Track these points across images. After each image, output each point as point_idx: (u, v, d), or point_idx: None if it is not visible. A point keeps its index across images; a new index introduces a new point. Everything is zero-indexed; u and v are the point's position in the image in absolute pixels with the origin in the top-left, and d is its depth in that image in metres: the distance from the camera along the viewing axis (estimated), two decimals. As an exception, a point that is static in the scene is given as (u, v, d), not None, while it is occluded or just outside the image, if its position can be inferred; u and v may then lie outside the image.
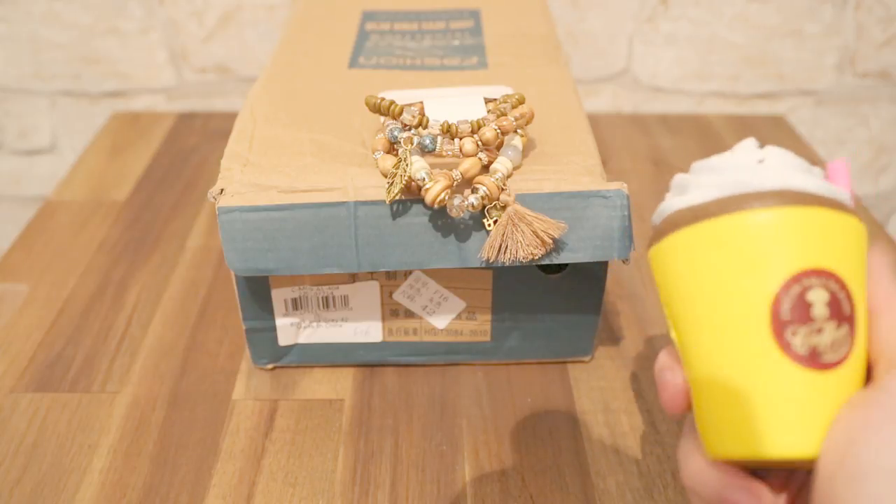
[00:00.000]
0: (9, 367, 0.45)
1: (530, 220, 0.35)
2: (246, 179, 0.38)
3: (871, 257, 0.26)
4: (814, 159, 0.68)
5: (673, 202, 0.27)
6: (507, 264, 0.36)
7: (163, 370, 0.45)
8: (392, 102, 0.37)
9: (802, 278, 0.24)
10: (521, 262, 0.36)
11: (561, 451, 0.40)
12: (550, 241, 0.35)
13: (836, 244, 0.25)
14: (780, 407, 0.24)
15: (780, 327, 0.24)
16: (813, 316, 0.24)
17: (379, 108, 0.37)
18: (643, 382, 0.44)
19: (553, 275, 0.41)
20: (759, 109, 0.78)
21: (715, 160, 0.27)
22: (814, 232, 0.25)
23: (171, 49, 0.74)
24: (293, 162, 0.39)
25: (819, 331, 0.24)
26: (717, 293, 0.26)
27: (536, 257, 0.36)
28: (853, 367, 0.24)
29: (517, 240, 0.35)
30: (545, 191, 0.37)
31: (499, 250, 0.35)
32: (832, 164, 0.27)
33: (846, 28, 0.73)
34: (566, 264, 0.41)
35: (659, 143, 0.70)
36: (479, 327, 0.43)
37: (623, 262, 0.38)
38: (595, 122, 0.72)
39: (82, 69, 0.75)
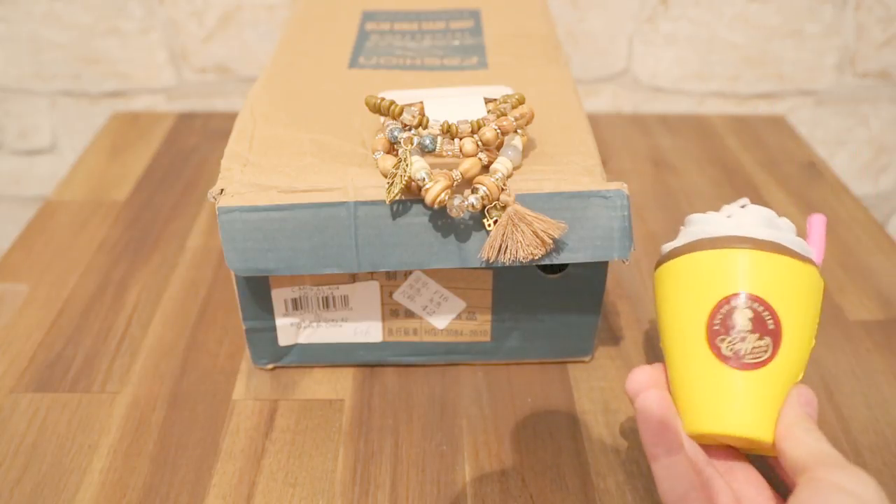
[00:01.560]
0: (9, 367, 0.45)
1: (530, 220, 0.35)
2: (246, 179, 0.38)
3: (787, 398, 0.33)
4: (813, 159, 0.68)
5: (667, 244, 0.37)
6: (507, 264, 0.36)
7: (163, 370, 0.45)
8: (392, 102, 0.37)
9: (732, 299, 0.33)
10: (521, 262, 0.36)
11: (561, 451, 0.40)
12: (550, 241, 0.35)
13: (767, 277, 0.33)
14: (713, 395, 0.33)
15: (713, 336, 0.33)
16: (738, 328, 0.33)
17: (379, 108, 0.37)
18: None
19: (553, 275, 0.41)
20: (759, 109, 0.78)
21: (697, 215, 0.36)
22: (748, 265, 0.33)
23: (171, 49, 0.74)
24: (293, 162, 0.39)
25: (742, 339, 0.33)
26: (676, 311, 0.35)
27: (536, 257, 0.36)
28: (775, 368, 0.32)
29: (517, 240, 0.35)
30: (545, 191, 0.37)
31: (499, 250, 0.35)
32: (810, 218, 0.37)
33: (846, 28, 0.73)
34: (566, 264, 0.41)
35: (659, 143, 0.70)
36: (479, 327, 0.43)
37: (623, 262, 0.38)
38: (595, 122, 0.72)
39: (82, 69, 0.75)
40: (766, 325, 0.33)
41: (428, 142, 0.36)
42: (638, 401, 0.33)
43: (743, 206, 0.36)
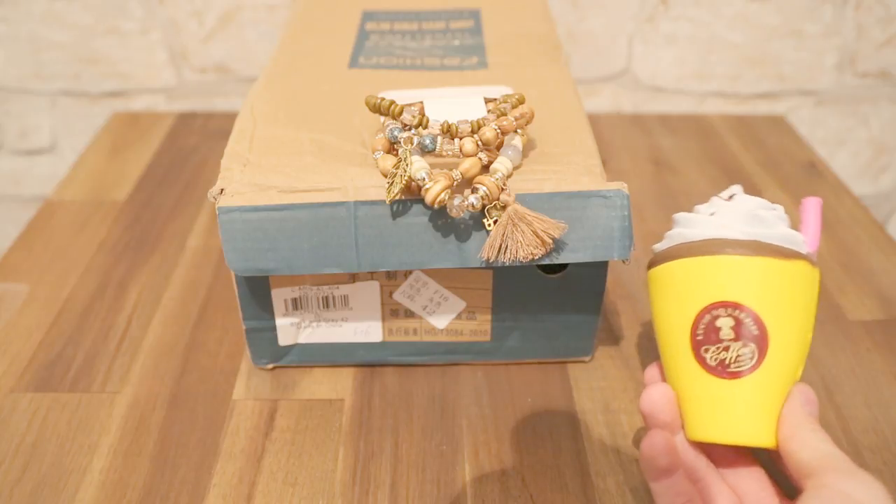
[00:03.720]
0: (9, 367, 0.45)
1: (530, 220, 0.35)
2: (246, 179, 0.38)
3: (788, 398, 0.32)
4: (813, 159, 0.68)
5: (657, 244, 0.36)
6: (507, 264, 0.36)
7: (163, 370, 0.45)
8: (392, 102, 0.37)
9: (712, 309, 0.32)
10: (521, 262, 0.36)
11: (561, 451, 0.40)
12: (550, 241, 0.35)
13: (747, 282, 0.32)
14: (703, 405, 0.33)
15: (697, 346, 0.33)
16: (721, 337, 0.32)
17: (379, 108, 0.37)
18: (643, 382, 0.44)
19: (553, 275, 0.41)
20: (759, 109, 0.78)
21: (681, 214, 0.36)
22: (725, 273, 0.33)
23: (171, 49, 0.74)
24: (293, 162, 0.39)
25: (726, 348, 0.32)
26: (664, 318, 0.35)
27: (536, 257, 0.36)
28: (765, 373, 0.32)
29: (517, 240, 0.35)
30: (545, 191, 0.37)
31: (499, 250, 0.35)
32: (804, 201, 0.36)
33: (846, 28, 0.73)
34: (566, 264, 0.41)
35: (659, 143, 0.70)
36: (479, 327, 0.43)
37: (623, 262, 0.38)
38: (595, 122, 0.72)
39: (82, 69, 0.75)
40: (750, 331, 0.32)
41: (428, 142, 0.36)
42: (644, 445, 0.32)
43: (731, 198, 0.35)
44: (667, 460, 0.31)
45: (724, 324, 0.32)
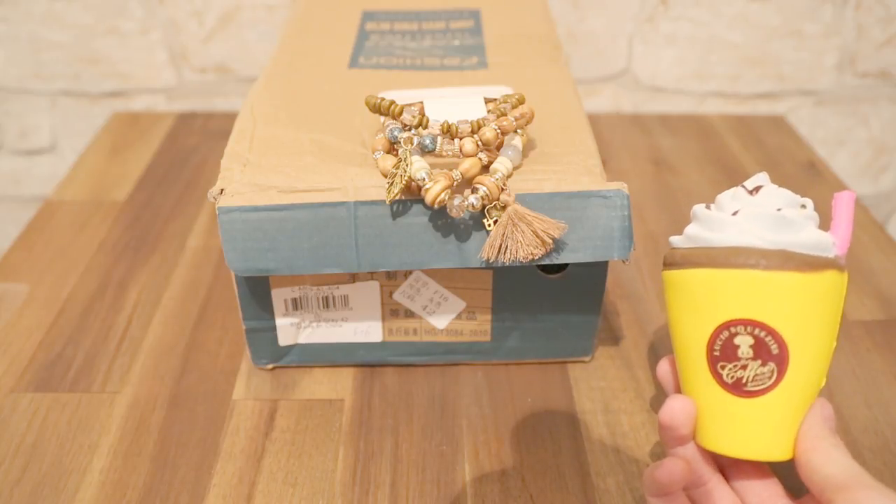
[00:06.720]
0: (9, 367, 0.45)
1: (530, 220, 0.35)
2: (246, 179, 0.38)
3: (808, 412, 0.32)
4: (813, 159, 0.68)
5: (674, 238, 0.34)
6: (507, 264, 0.36)
7: (163, 370, 0.45)
8: (392, 102, 0.37)
9: (731, 325, 0.31)
10: (521, 262, 0.36)
11: (561, 451, 0.40)
12: (550, 241, 0.35)
13: (770, 299, 0.30)
14: (717, 418, 0.32)
15: (713, 361, 0.32)
16: (738, 355, 0.31)
17: (379, 108, 0.37)
18: (643, 382, 0.44)
19: (553, 275, 0.41)
20: (759, 109, 0.78)
21: (701, 210, 0.33)
22: (746, 289, 0.31)
23: (171, 49, 0.74)
24: (293, 162, 0.39)
25: (744, 367, 0.31)
26: (679, 326, 0.33)
27: (536, 257, 0.36)
28: (782, 392, 0.31)
29: (517, 240, 0.35)
30: (545, 191, 0.37)
31: (499, 250, 0.35)
32: (836, 195, 0.34)
33: (846, 28, 0.73)
34: (566, 264, 0.41)
35: (659, 143, 0.70)
36: (479, 327, 0.43)
37: (623, 262, 0.38)
38: (595, 122, 0.72)
39: (82, 69, 0.75)
40: (770, 350, 0.30)
41: (428, 142, 0.36)
42: (662, 473, 0.31)
43: (756, 190, 0.33)
44: (679, 486, 0.31)
45: (743, 342, 0.31)
